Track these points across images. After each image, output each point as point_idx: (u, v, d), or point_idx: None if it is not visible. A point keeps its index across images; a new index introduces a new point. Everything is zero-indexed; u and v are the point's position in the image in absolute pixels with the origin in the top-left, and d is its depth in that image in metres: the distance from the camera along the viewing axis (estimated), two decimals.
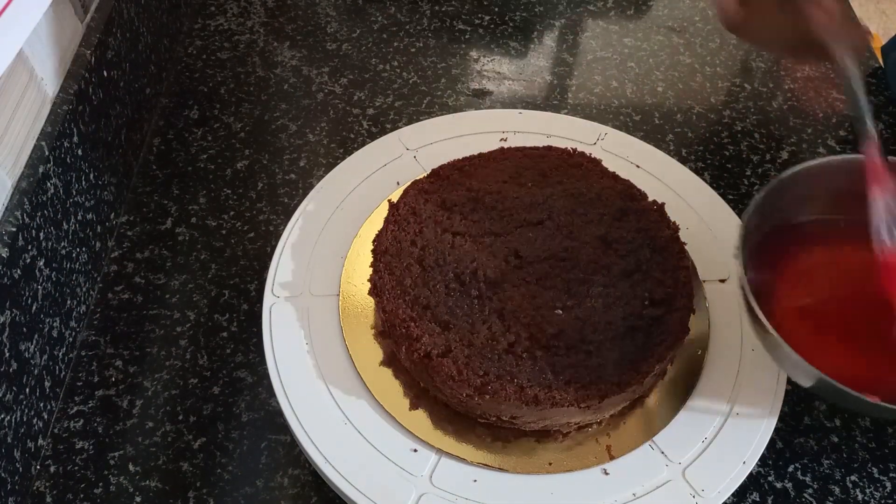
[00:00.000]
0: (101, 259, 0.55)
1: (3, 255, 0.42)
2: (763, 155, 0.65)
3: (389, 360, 0.47)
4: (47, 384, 0.47)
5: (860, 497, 0.47)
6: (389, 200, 0.50)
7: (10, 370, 0.43)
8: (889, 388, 0.40)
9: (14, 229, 0.44)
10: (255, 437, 0.48)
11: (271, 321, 0.48)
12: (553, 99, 0.69)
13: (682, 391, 0.46)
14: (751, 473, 0.44)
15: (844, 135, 0.67)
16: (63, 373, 0.50)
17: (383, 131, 0.64)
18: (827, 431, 0.50)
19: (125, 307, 0.54)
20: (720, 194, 0.55)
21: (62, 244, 0.49)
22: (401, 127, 0.59)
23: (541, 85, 0.70)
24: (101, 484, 0.46)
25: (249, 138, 0.64)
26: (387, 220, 0.49)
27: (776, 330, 0.40)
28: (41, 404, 0.47)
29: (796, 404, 0.51)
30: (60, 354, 0.49)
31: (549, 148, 0.54)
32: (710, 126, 0.68)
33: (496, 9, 0.77)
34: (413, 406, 0.45)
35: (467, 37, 0.74)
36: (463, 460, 0.43)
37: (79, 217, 0.52)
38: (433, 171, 0.52)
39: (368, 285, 0.47)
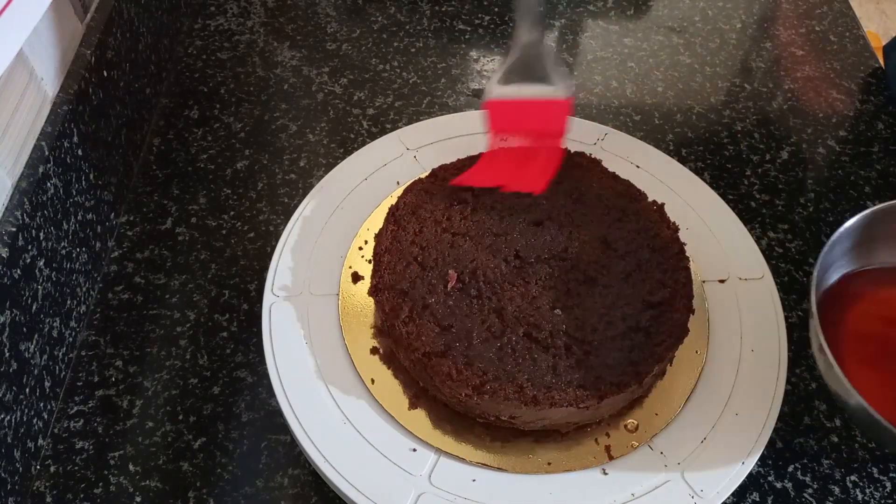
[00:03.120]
0: (101, 259, 0.55)
1: (3, 255, 0.42)
2: (763, 155, 0.65)
3: (389, 360, 0.47)
4: (47, 384, 0.47)
5: (860, 497, 0.47)
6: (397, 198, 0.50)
7: (10, 370, 0.43)
8: None
9: (14, 229, 0.44)
10: (255, 437, 0.48)
11: (271, 321, 0.48)
12: None
13: (682, 392, 0.46)
14: (751, 473, 0.44)
15: (844, 135, 0.67)
16: (63, 373, 0.50)
17: (383, 131, 0.64)
18: (827, 431, 0.50)
19: (125, 307, 0.54)
20: (720, 194, 0.56)
21: (62, 244, 0.49)
22: (401, 127, 0.59)
23: None
24: (101, 484, 0.46)
25: (249, 138, 0.64)
26: (387, 220, 0.49)
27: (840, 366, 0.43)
28: (41, 404, 0.47)
29: (796, 404, 0.51)
30: (60, 354, 0.49)
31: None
32: (710, 126, 0.68)
33: (496, 9, 0.76)
34: (412, 405, 0.45)
35: (467, 37, 0.74)
36: (462, 460, 0.43)
37: (79, 217, 0.52)
38: (433, 171, 0.52)
39: (368, 285, 0.47)
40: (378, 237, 0.48)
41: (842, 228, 0.49)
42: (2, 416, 0.42)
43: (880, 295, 0.52)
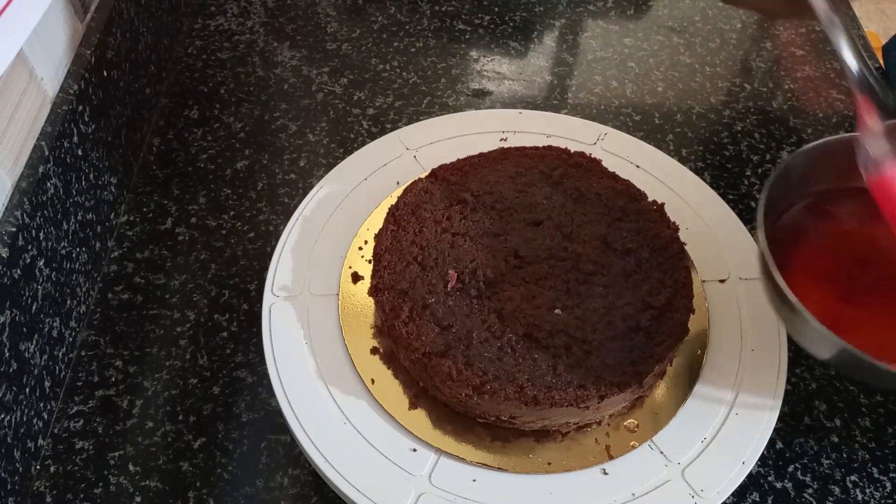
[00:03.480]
0: (101, 259, 0.55)
1: (3, 255, 0.42)
2: (763, 155, 0.65)
3: (389, 360, 0.47)
4: (47, 384, 0.47)
5: (860, 497, 0.47)
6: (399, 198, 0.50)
7: (10, 370, 0.43)
8: None
9: (14, 229, 0.44)
10: (255, 437, 0.48)
11: (271, 321, 0.48)
12: (553, 99, 0.69)
13: (682, 391, 0.46)
14: (751, 473, 0.44)
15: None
16: (63, 373, 0.50)
17: (383, 131, 0.64)
18: (827, 431, 0.50)
19: (125, 307, 0.54)
20: (720, 194, 0.55)
21: (62, 244, 0.49)
22: (401, 127, 0.59)
23: (541, 85, 0.70)
24: (101, 484, 0.46)
25: (249, 138, 0.64)
26: (387, 220, 0.49)
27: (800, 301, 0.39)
28: (41, 404, 0.47)
29: (796, 404, 0.51)
30: (60, 354, 0.49)
31: (550, 148, 0.54)
32: (710, 126, 0.68)
33: (496, 9, 0.77)
34: (412, 406, 0.45)
35: (467, 37, 0.74)
36: (462, 460, 0.43)
37: (79, 217, 0.52)
38: (433, 171, 0.52)
39: (368, 285, 0.47)
40: (378, 237, 0.48)
41: (787, 159, 0.46)
42: (2, 416, 0.42)
43: (827, 226, 0.48)
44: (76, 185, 0.51)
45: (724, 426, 0.45)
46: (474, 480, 0.42)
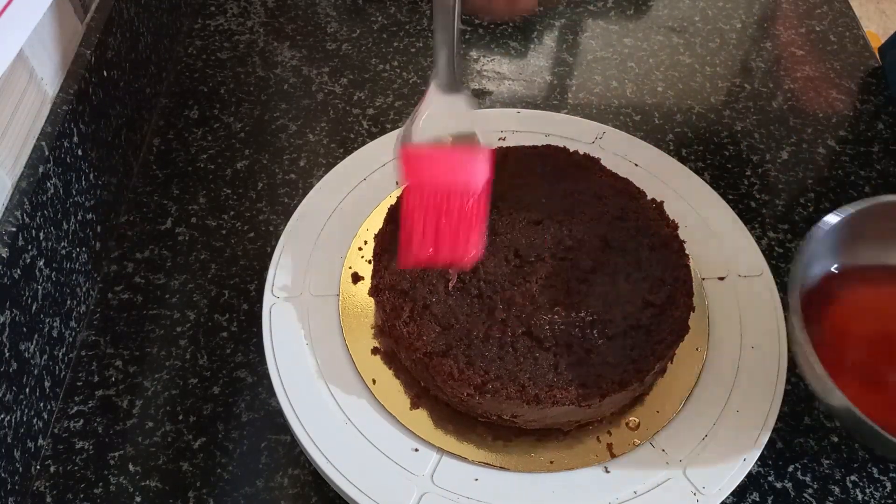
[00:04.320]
0: (101, 259, 0.55)
1: (3, 255, 0.42)
2: (763, 155, 0.65)
3: (390, 360, 0.47)
4: (47, 384, 0.47)
5: (860, 497, 0.47)
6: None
7: (10, 370, 0.43)
8: None
9: (14, 229, 0.44)
10: (255, 437, 0.48)
11: (271, 321, 0.48)
12: (553, 99, 0.69)
13: (683, 389, 0.46)
14: (750, 473, 0.44)
15: (844, 135, 0.67)
16: (63, 373, 0.50)
17: (383, 131, 0.64)
18: (827, 431, 0.50)
19: (125, 307, 0.53)
20: (720, 194, 0.56)
21: (62, 244, 0.49)
22: (400, 127, 0.59)
23: (541, 85, 0.70)
24: (101, 484, 0.46)
25: (249, 138, 0.64)
26: (386, 220, 0.49)
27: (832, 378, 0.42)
28: (41, 404, 0.47)
29: (796, 404, 0.51)
30: (60, 354, 0.49)
31: (548, 147, 0.54)
32: (710, 126, 0.68)
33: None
34: (414, 405, 0.45)
35: (467, 37, 0.74)
36: (464, 459, 0.43)
37: (79, 217, 0.52)
38: None
39: (368, 285, 0.47)
40: (378, 237, 0.48)
41: (821, 224, 0.48)
42: (2, 416, 0.42)
43: (863, 294, 0.51)
44: (76, 185, 0.51)
45: (725, 423, 0.45)
46: (477, 480, 0.42)
